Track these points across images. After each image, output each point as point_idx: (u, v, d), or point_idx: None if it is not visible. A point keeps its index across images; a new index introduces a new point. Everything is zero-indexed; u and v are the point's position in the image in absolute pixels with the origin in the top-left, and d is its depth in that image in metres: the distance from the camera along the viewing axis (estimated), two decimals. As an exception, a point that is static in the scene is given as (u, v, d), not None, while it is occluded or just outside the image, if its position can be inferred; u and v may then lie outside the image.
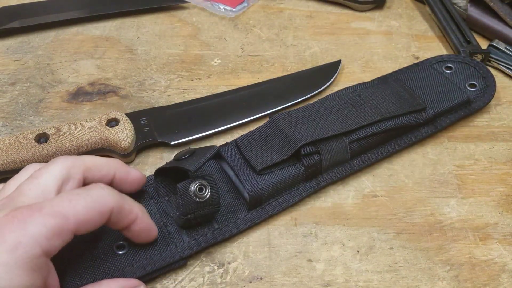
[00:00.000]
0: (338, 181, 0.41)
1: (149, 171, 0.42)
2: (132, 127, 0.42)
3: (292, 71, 0.53)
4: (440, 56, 0.50)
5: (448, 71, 0.48)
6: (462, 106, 0.46)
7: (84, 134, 0.41)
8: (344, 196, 0.41)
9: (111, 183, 0.34)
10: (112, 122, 0.42)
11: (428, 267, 0.36)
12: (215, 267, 0.36)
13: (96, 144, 0.41)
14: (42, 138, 0.40)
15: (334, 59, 0.54)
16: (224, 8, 0.61)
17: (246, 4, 0.62)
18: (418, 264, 0.36)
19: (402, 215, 0.39)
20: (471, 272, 0.36)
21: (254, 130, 0.41)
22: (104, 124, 0.42)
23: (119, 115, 0.43)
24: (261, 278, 0.35)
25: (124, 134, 0.41)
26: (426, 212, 0.40)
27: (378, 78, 0.48)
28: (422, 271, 0.36)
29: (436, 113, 0.44)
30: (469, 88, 0.47)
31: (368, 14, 0.61)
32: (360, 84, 0.46)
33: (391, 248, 0.37)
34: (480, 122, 0.47)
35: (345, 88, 0.45)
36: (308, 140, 0.39)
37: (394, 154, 0.44)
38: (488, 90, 0.47)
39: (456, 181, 0.42)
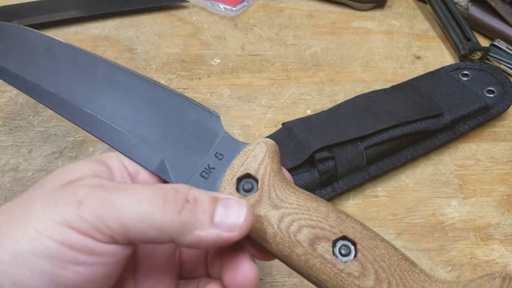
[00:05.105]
0: (355, 188, 0.41)
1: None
2: None
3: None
4: (456, 64, 0.50)
5: (465, 78, 0.48)
6: (481, 112, 0.45)
7: None
8: (345, 196, 0.40)
9: None
10: None
11: (429, 268, 0.36)
12: (215, 268, 0.36)
13: None
14: None
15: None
16: (224, 7, 0.61)
17: (246, 3, 0.62)
18: (419, 265, 0.36)
19: (403, 215, 0.39)
20: (472, 272, 0.36)
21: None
22: None
23: None
24: (261, 279, 0.35)
25: None
26: (427, 212, 0.39)
27: (393, 85, 0.47)
28: (423, 272, 0.35)
29: (454, 118, 0.44)
30: (487, 94, 0.46)
31: (369, 13, 0.61)
32: (374, 91, 0.46)
33: (392, 249, 0.37)
34: (482, 121, 0.47)
35: (359, 96, 0.45)
36: (322, 145, 0.38)
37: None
38: (507, 96, 0.47)
39: (457, 181, 0.42)
